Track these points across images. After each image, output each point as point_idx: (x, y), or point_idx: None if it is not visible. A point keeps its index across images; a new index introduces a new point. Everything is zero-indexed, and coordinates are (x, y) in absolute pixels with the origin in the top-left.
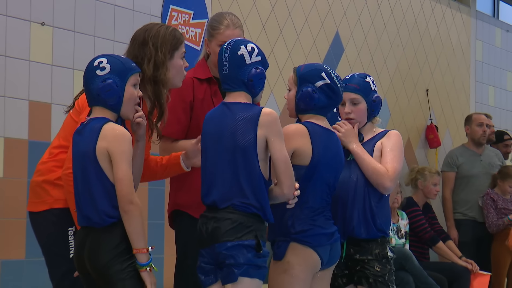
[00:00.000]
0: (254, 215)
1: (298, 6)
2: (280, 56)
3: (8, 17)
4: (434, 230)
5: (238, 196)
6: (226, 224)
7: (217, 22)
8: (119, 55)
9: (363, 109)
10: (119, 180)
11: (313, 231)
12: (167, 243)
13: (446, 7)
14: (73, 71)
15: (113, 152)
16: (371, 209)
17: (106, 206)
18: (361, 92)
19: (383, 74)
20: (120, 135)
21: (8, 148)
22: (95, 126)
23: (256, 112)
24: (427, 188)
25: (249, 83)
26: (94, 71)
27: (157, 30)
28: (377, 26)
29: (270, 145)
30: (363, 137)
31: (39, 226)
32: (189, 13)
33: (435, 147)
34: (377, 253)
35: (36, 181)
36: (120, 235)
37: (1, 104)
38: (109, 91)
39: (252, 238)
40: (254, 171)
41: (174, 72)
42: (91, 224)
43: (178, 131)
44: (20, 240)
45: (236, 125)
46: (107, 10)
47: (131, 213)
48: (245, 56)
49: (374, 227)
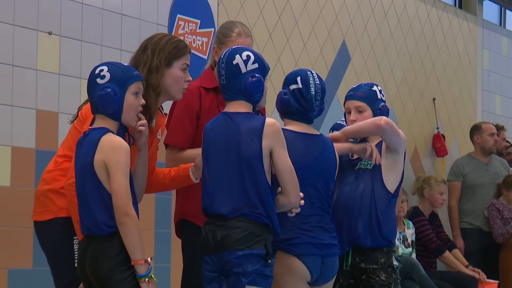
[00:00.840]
0: (264, 225)
1: (305, 14)
2: (286, 65)
3: (16, 26)
4: (441, 239)
5: (248, 205)
6: (237, 232)
7: (228, 29)
8: (121, 63)
9: (368, 117)
10: (114, 192)
11: (299, 239)
12: (174, 252)
13: (452, 16)
14: (80, 80)
15: (109, 164)
16: (377, 218)
17: (104, 217)
18: (366, 100)
19: (390, 83)
20: (117, 147)
21: (16, 157)
22: (94, 137)
23: (259, 122)
24: (433, 197)
25: (247, 92)
26: (95, 80)
27: (160, 38)
28: (383, 35)
29: (275, 155)
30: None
31: (44, 235)
32: (196, 22)
33: (442, 156)
34: (382, 262)
35: (41, 190)
36: (120, 244)
37: (8, 113)
38: (107, 100)
39: (262, 247)
40: (261, 181)
41: (170, 81)
42: (92, 233)
43: (184, 141)
44: (27, 249)
45: (240, 136)
46: (114, 19)
47: (127, 225)
48: (240, 65)
49: (380, 236)
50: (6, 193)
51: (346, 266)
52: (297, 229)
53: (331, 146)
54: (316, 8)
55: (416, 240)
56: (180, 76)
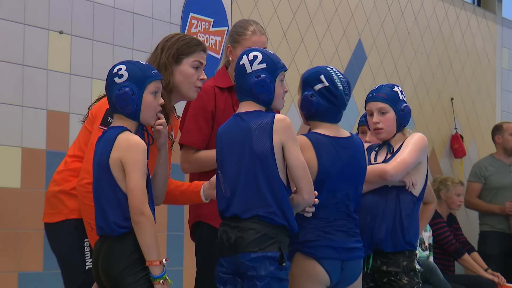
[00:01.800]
0: (279, 226)
1: (320, 13)
2: (301, 64)
3: (26, 25)
4: (459, 241)
5: (262, 205)
6: (250, 234)
7: (242, 28)
8: (140, 62)
9: (391, 118)
10: (130, 190)
11: (319, 242)
12: (186, 254)
13: (471, 13)
14: (91, 80)
15: (126, 162)
16: (401, 222)
17: (117, 217)
18: (388, 101)
19: (407, 83)
20: (134, 145)
21: (26, 159)
22: (110, 135)
23: (269, 118)
24: (450, 199)
25: (252, 92)
26: (113, 79)
27: (172, 36)
28: (400, 34)
29: (287, 151)
30: (393, 148)
31: (54, 237)
32: (209, 21)
33: (460, 157)
34: (404, 266)
35: (52, 191)
36: (132, 244)
37: (18, 114)
38: (125, 100)
39: (276, 250)
40: (275, 178)
41: (180, 78)
42: (105, 233)
43: (199, 141)
44: (37, 252)
45: (250, 134)
46: (126, 18)
47: (142, 225)
48: (246, 66)
49: (403, 240)
50: (16, 194)
51: (367, 269)
52: (319, 231)
53: (362, 149)
54: (332, 6)
55: (434, 242)
56: (191, 73)
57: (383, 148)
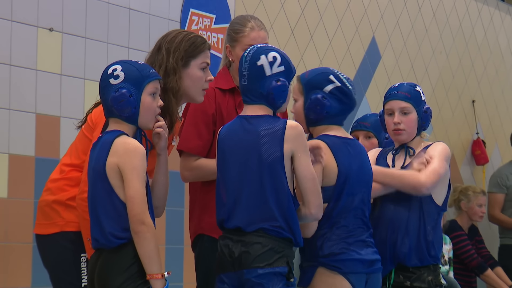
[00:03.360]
0: (285, 240)
1: (331, 8)
2: (310, 63)
3: (13, 22)
4: (481, 255)
5: (267, 219)
6: (256, 249)
7: (239, 25)
8: (136, 61)
9: (414, 120)
10: (130, 198)
11: (345, 255)
12: (186, 269)
13: (494, 9)
14: (84, 81)
15: (124, 168)
16: (426, 236)
17: (113, 227)
18: (412, 101)
19: (425, 84)
20: (132, 149)
21: (13, 166)
22: (106, 140)
23: (281, 125)
24: (472, 210)
25: (270, 96)
26: (108, 80)
27: (174, 36)
28: (417, 31)
29: (297, 161)
30: (414, 150)
31: (47, 250)
32: (211, 17)
33: (482, 164)
34: (430, 281)
35: (45, 201)
36: (131, 256)
37: (5, 118)
38: (122, 102)
39: (284, 264)
40: (283, 189)
41: (189, 82)
42: (101, 245)
43: (199, 147)
44: (26, 267)
45: (259, 140)
46: (121, 14)
47: (143, 235)
48: (265, 67)
49: (428, 255)
50: (3, 205)
51: (389, 285)
52: (343, 243)
53: (366, 153)
54: (343, 1)
55: (454, 257)
56: (200, 76)
57: (401, 151)
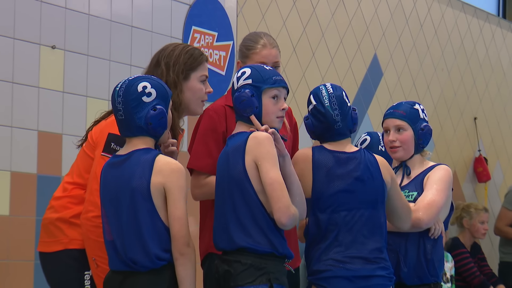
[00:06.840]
0: (267, 255)
1: (332, 25)
2: (312, 81)
3: (16, 40)
4: (484, 273)
5: (244, 235)
6: (236, 267)
7: (252, 41)
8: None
9: (409, 137)
10: (178, 219)
11: (330, 272)
12: None
13: (495, 26)
14: (86, 99)
15: (171, 188)
16: (425, 254)
17: (157, 248)
18: (407, 119)
19: (426, 101)
20: (177, 170)
21: (15, 183)
22: (145, 158)
23: (244, 138)
24: (474, 227)
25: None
26: (140, 98)
27: (172, 49)
28: (419, 48)
29: (259, 170)
30: (410, 170)
31: (51, 268)
32: (213, 34)
33: (484, 181)
34: None
35: (49, 218)
36: (169, 279)
37: (7, 135)
38: (162, 119)
39: (266, 282)
40: (252, 202)
41: (189, 95)
42: (134, 268)
43: (209, 165)
44: (27, 285)
45: (228, 158)
46: (123, 31)
47: (188, 256)
48: (234, 83)
49: (428, 273)
50: (4, 222)
51: None
52: (330, 260)
53: (373, 165)
54: (345, 18)
55: (456, 274)
56: (200, 88)
57: (399, 170)
